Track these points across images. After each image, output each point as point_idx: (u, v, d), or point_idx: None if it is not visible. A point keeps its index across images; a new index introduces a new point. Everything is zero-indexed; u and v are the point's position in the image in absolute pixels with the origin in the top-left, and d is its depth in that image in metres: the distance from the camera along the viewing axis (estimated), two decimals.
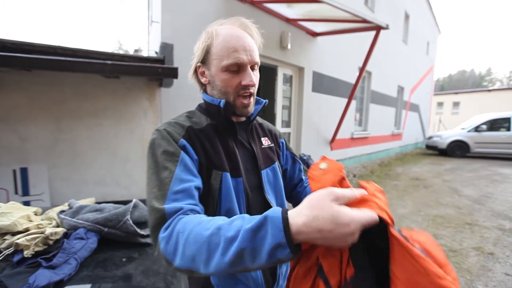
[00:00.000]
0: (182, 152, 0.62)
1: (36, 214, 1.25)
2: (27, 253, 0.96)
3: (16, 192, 2.14)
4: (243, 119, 0.78)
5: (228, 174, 0.67)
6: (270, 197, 0.74)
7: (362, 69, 4.81)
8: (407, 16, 9.66)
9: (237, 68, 0.66)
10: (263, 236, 0.43)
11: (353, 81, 6.14)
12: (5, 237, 1.05)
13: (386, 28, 4.18)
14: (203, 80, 0.73)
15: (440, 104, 22.36)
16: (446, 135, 10.09)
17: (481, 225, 3.37)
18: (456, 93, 22.25)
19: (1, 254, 0.98)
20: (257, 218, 0.45)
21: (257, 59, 0.69)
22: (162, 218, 0.53)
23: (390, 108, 9.20)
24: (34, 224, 1.12)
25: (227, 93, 0.69)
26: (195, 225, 0.49)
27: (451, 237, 3.01)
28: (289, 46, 4.32)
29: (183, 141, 0.64)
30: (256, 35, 0.71)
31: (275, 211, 0.45)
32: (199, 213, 0.56)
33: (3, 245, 1.02)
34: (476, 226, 3.33)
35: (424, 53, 12.27)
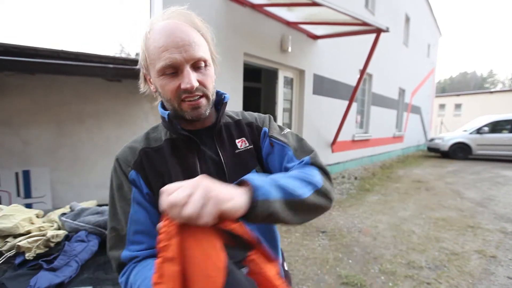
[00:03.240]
0: (133, 188, 0.60)
1: (38, 217, 1.26)
2: (28, 255, 0.97)
3: (18, 195, 2.15)
4: (209, 123, 0.67)
5: None
6: None
7: (362, 72, 4.82)
8: (407, 19, 9.68)
9: (173, 70, 0.56)
10: None
11: (354, 84, 6.15)
12: (7, 239, 1.06)
13: (387, 30, 4.20)
14: (152, 87, 0.64)
15: (442, 106, 22.29)
16: (448, 137, 10.05)
17: (484, 228, 3.35)
18: (458, 95, 22.19)
19: (3, 256, 0.99)
20: None
21: (199, 54, 0.56)
22: (120, 265, 0.56)
23: (392, 111, 9.19)
24: (35, 226, 1.12)
25: (170, 100, 0.59)
26: (143, 279, 0.49)
27: (453, 240, 2.99)
28: (289, 49, 4.34)
29: (132, 174, 0.60)
30: (200, 25, 0.60)
31: None
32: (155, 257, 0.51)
33: (5, 247, 1.03)
34: (478, 229, 3.30)
35: (425, 55, 12.28)
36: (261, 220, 0.47)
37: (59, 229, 1.18)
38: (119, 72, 2.06)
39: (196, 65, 0.57)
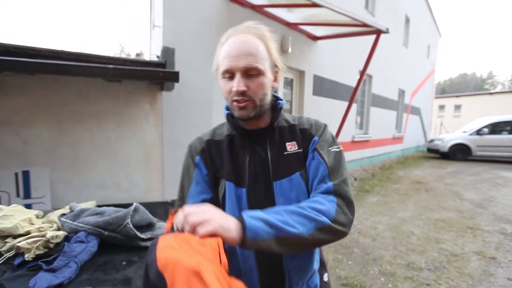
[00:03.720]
0: (196, 169, 0.75)
1: (37, 217, 1.26)
2: (28, 256, 0.97)
3: (18, 195, 2.15)
4: (264, 125, 0.75)
5: (232, 184, 0.70)
6: (279, 203, 0.70)
7: (362, 73, 4.83)
8: (407, 20, 9.69)
9: (230, 75, 0.67)
10: None
11: (353, 85, 6.15)
12: (7, 240, 1.06)
13: (386, 32, 4.20)
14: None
15: (441, 107, 22.32)
16: (447, 138, 10.06)
17: (483, 229, 3.35)
18: (458, 96, 22.22)
19: (2, 257, 0.99)
20: None
21: (251, 64, 0.65)
22: None
23: (391, 111, 9.19)
24: (35, 227, 1.12)
25: (226, 99, 0.71)
26: None
27: (453, 241, 2.99)
28: (289, 50, 4.34)
29: (197, 158, 0.76)
30: (266, 38, 0.70)
31: None
32: None
33: (4, 248, 1.02)
34: (478, 230, 3.30)
35: (425, 56, 12.29)
36: (256, 250, 0.60)
37: (58, 229, 1.18)
38: (119, 72, 2.06)
39: (248, 73, 0.66)
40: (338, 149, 0.74)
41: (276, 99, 0.77)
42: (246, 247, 0.54)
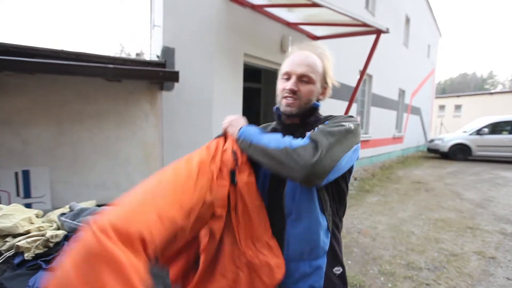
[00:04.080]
0: None
1: (37, 217, 1.26)
2: (27, 255, 0.97)
3: (18, 194, 2.15)
4: (297, 121, 0.88)
5: None
6: (288, 189, 0.81)
7: (362, 73, 4.82)
8: (407, 20, 9.68)
9: (287, 76, 0.84)
10: None
11: (353, 84, 6.13)
12: (6, 239, 1.06)
13: (387, 31, 4.20)
14: None
15: (442, 107, 22.30)
16: (447, 138, 10.05)
17: (483, 229, 3.35)
18: (458, 96, 22.20)
19: (2, 256, 0.99)
20: None
21: (306, 72, 0.81)
22: None
23: (391, 111, 9.19)
24: (35, 226, 1.13)
25: (278, 96, 0.87)
26: None
27: (453, 241, 2.99)
28: (289, 50, 4.34)
29: None
30: (323, 56, 0.86)
31: None
32: None
33: (4, 247, 1.03)
34: (478, 230, 3.31)
35: (425, 56, 12.28)
36: (246, 149, 0.79)
37: (58, 229, 1.18)
38: (119, 72, 2.06)
39: (301, 79, 0.82)
40: (339, 126, 0.75)
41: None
42: (238, 143, 0.81)
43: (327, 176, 0.68)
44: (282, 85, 0.84)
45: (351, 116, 0.85)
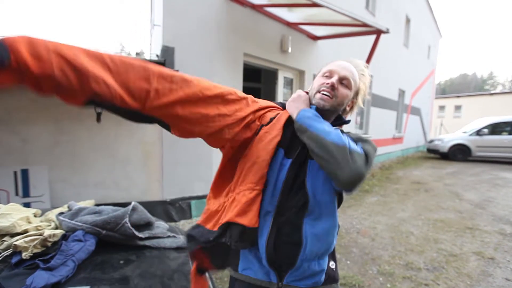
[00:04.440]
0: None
1: (35, 216, 1.26)
2: (25, 254, 0.97)
3: (16, 194, 2.15)
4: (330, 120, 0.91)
5: (283, 152, 0.82)
6: (308, 179, 0.80)
7: None
8: (408, 20, 9.68)
9: (329, 74, 0.87)
10: None
11: None
12: (4, 239, 1.06)
13: (387, 32, 4.20)
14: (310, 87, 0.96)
15: (441, 108, 22.31)
16: (447, 139, 10.05)
17: (482, 229, 3.35)
18: (458, 96, 22.20)
19: (0, 256, 0.99)
20: None
21: (349, 77, 0.86)
22: None
23: (391, 112, 9.19)
24: (33, 225, 1.12)
25: (313, 89, 0.89)
26: None
27: (452, 242, 3.00)
28: (289, 50, 4.34)
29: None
30: (363, 74, 0.92)
31: None
32: None
33: (2, 247, 1.02)
34: (477, 231, 3.31)
35: (425, 56, 12.28)
36: (301, 133, 0.79)
37: (56, 228, 1.18)
38: None
39: (342, 81, 0.86)
40: (373, 147, 0.85)
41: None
42: (295, 127, 0.81)
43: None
44: (322, 80, 0.87)
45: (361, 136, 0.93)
